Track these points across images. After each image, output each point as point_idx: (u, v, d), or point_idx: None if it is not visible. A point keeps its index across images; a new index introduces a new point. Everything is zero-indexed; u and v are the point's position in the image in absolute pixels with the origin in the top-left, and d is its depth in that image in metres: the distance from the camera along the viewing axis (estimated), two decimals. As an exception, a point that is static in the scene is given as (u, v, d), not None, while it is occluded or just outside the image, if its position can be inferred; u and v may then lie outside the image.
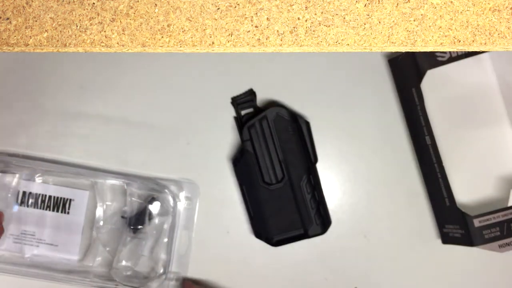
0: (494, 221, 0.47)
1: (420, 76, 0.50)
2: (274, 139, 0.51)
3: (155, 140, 0.54)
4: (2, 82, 0.53)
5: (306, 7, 0.37)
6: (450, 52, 0.49)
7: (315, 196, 0.52)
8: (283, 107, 0.52)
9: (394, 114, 0.55)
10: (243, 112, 0.54)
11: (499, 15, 0.37)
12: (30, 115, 0.53)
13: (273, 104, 0.54)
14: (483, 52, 0.50)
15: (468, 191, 0.53)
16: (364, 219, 0.54)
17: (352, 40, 0.37)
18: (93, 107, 0.53)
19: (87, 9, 0.36)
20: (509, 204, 0.50)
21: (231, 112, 0.54)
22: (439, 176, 0.50)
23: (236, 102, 0.54)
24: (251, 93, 0.54)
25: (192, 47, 0.37)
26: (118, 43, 0.36)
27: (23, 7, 0.36)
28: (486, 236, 0.47)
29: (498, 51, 0.39)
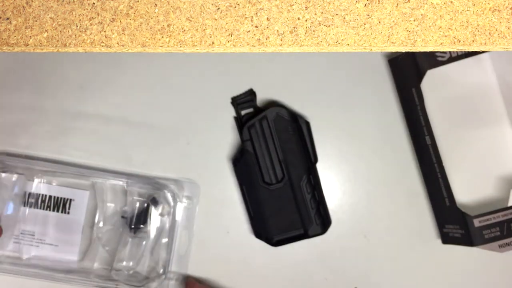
0: (494, 221, 0.47)
1: (420, 76, 0.50)
2: (274, 139, 0.51)
3: (155, 140, 0.54)
4: (2, 82, 0.53)
5: (306, 7, 0.37)
6: (450, 52, 0.49)
7: (315, 196, 0.52)
8: (283, 107, 0.52)
9: (394, 114, 0.55)
10: (243, 112, 0.54)
11: (499, 15, 0.37)
12: (30, 115, 0.53)
13: (273, 104, 0.54)
14: (483, 52, 0.50)
15: (468, 191, 0.53)
16: (364, 219, 0.54)
17: (352, 40, 0.37)
18: (93, 107, 0.53)
19: (87, 9, 0.36)
20: (509, 204, 0.50)
21: (231, 112, 0.54)
22: (439, 176, 0.50)
23: (236, 102, 0.54)
24: (251, 93, 0.54)
25: (192, 47, 0.37)
26: (118, 43, 0.36)
27: (23, 7, 0.36)
28: (486, 236, 0.47)
29: (498, 51, 0.39)
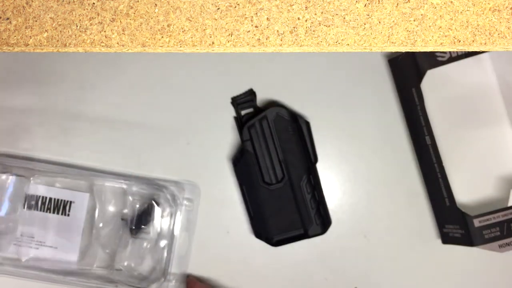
0: (494, 221, 0.47)
1: (420, 76, 0.50)
2: (274, 139, 0.51)
3: (155, 140, 0.54)
4: (2, 82, 0.53)
5: (306, 7, 0.37)
6: (450, 52, 0.49)
7: (315, 196, 0.52)
8: (283, 107, 0.52)
9: (394, 114, 0.55)
10: (243, 112, 0.54)
11: (499, 15, 0.37)
12: (30, 115, 0.53)
13: (273, 104, 0.54)
14: (483, 52, 0.50)
15: (468, 191, 0.53)
16: (364, 219, 0.54)
17: (352, 40, 0.37)
18: (93, 107, 0.53)
19: (87, 9, 0.36)
20: (509, 204, 0.50)
21: (231, 112, 0.54)
22: (439, 176, 0.50)
23: (236, 102, 0.54)
24: (251, 93, 0.54)
25: (192, 47, 0.37)
26: (118, 43, 0.36)
27: (23, 7, 0.36)
28: (486, 236, 0.47)
29: (498, 51, 0.39)
